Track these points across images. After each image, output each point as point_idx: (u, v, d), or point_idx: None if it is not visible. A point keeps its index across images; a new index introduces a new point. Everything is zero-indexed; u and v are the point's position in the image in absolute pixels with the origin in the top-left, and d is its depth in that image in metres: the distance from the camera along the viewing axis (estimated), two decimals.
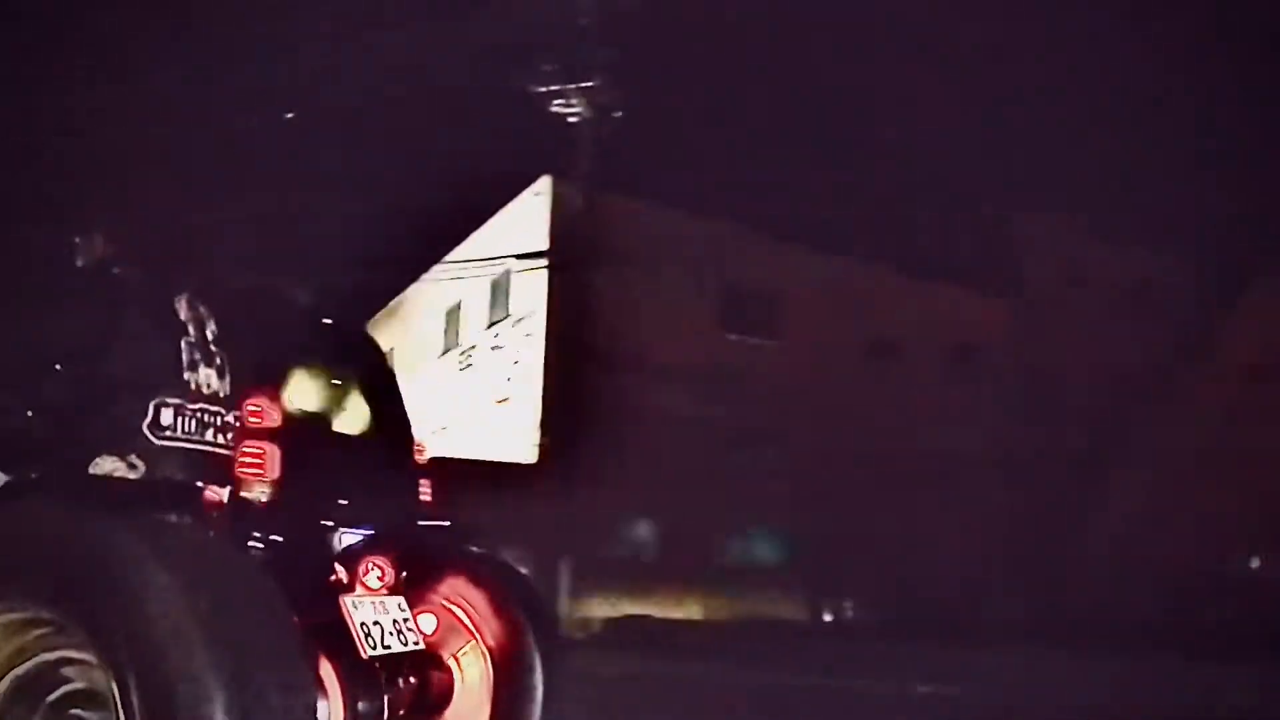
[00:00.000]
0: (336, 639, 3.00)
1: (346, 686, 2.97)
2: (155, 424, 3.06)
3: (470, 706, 3.54)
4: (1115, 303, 21.10)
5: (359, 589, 3.12)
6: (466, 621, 3.59)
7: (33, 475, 2.76)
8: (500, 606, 3.58)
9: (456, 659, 3.60)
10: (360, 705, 3.08)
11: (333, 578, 3.09)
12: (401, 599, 3.27)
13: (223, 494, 2.81)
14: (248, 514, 2.85)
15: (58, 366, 3.04)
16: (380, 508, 3.33)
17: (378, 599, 3.15)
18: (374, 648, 3.03)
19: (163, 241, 3.42)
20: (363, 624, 3.02)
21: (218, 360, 3.30)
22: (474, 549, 3.80)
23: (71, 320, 3.16)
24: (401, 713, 3.30)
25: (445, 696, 3.56)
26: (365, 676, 3.09)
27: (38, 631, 2.45)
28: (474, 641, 3.58)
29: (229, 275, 3.69)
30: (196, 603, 2.27)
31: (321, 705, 2.93)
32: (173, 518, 2.67)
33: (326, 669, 2.96)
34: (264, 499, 2.89)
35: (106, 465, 2.91)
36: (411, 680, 3.41)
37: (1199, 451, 19.22)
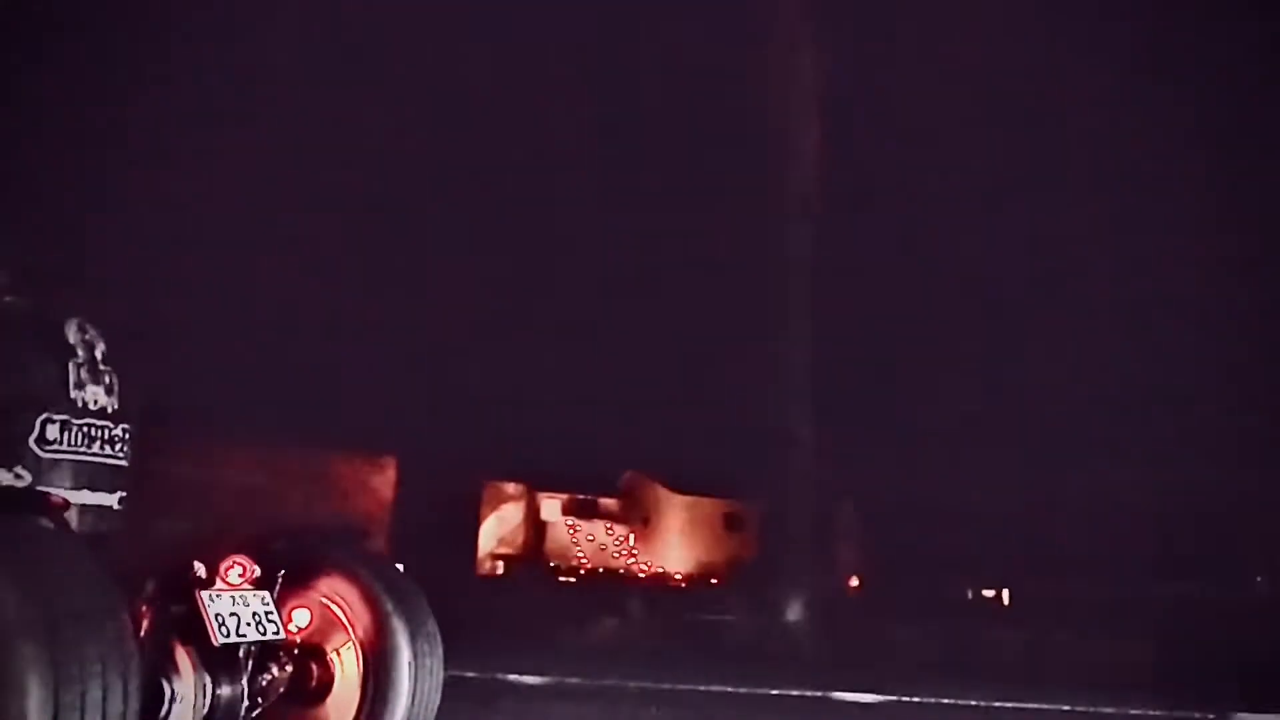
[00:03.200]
0: (194, 628, 3.34)
1: (199, 669, 3.32)
2: (41, 438, 3.44)
3: (345, 699, 3.86)
4: None
5: (219, 584, 3.46)
6: (342, 618, 3.91)
7: None
8: (373, 604, 3.90)
9: (338, 653, 3.92)
10: (221, 688, 3.43)
11: (193, 574, 3.43)
12: (267, 594, 3.61)
13: (71, 496, 3.18)
14: (102, 516, 3.22)
15: None
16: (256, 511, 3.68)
17: (238, 593, 3.49)
18: (227, 636, 3.36)
19: (54, 271, 3.79)
20: (217, 615, 3.36)
21: (106, 379, 3.68)
22: (355, 550, 4.13)
23: None
24: (270, 700, 3.65)
25: (326, 687, 3.89)
26: (224, 662, 3.44)
27: None
28: (349, 637, 3.90)
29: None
30: (19, 586, 2.62)
31: (177, 684, 3.29)
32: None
33: (183, 654, 3.31)
34: (117, 505, 3.27)
35: None
36: (286, 669, 3.75)
37: None
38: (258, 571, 3.56)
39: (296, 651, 3.79)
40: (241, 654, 3.49)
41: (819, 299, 21.60)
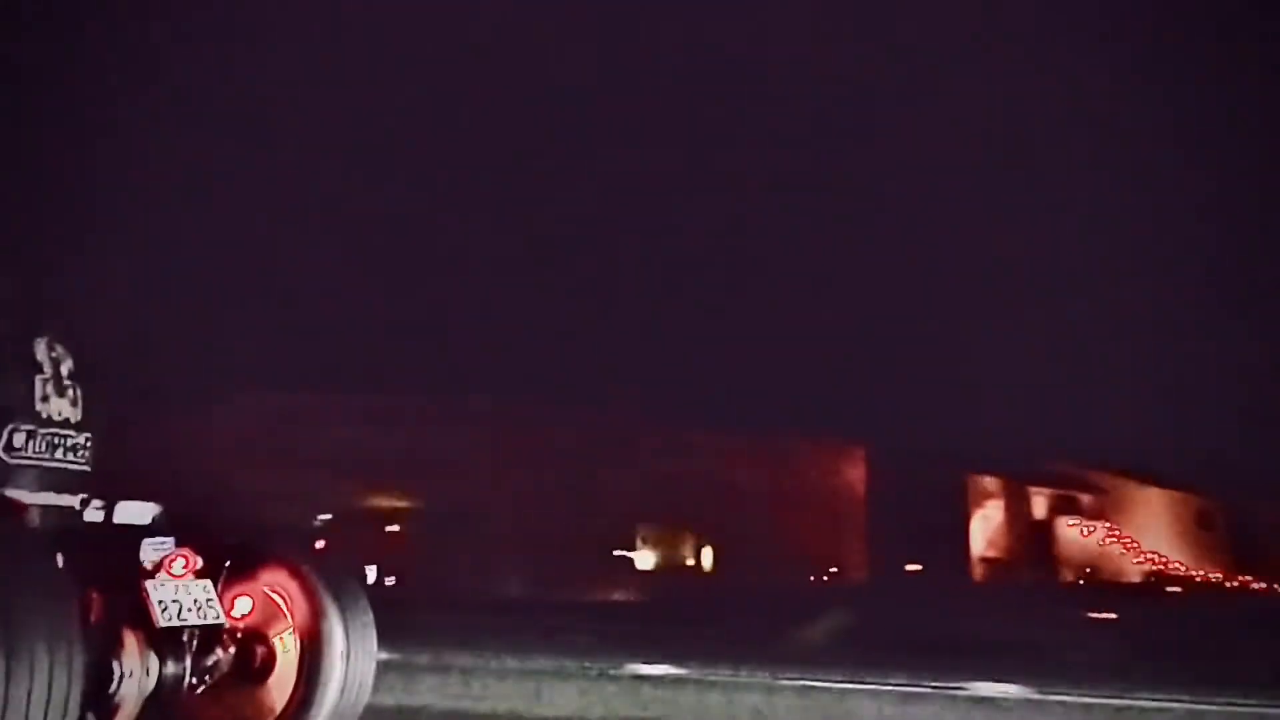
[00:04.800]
0: (141, 614, 3.80)
1: (146, 650, 3.77)
2: (9, 446, 3.90)
3: (284, 680, 4.31)
4: None
5: (163, 575, 3.91)
6: (283, 606, 4.36)
7: None
8: (310, 594, 4.34)
9: (280, 638, 4.37)
10: (167, 667, 3.88)
11: (140, 565, 3.88)
12: (209, 583, 4.06)
13: (36, 499, 3.64)
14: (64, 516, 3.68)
15: None
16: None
17: (181, 583, 3.94)
18: (169, 620, 3.81)
19: (23, 291, 4.24)
20: (160, 601, 3.81)
21: (71, 392, 4.14)
22: (298, 544, 4.59)
23: None
24: (215, 679, 4.10)
25: (268, 668, 4.35)
26: (171, 645, 3.89)
27: None
28: (289, 624, 4.35)
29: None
30: None
31: (126, 663, 3.74)
32: None
33: (131, 637, 3.77)
34: (79, 506, 3.74)
35: None
36: (230, 652, 4.21)
37: None
38: (200, 563, 4.00)
39: (240, 636, 4.24)
40: (186, 638, 3.94)
41: None
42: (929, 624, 18.02)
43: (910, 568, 41.35)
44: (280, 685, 4.33)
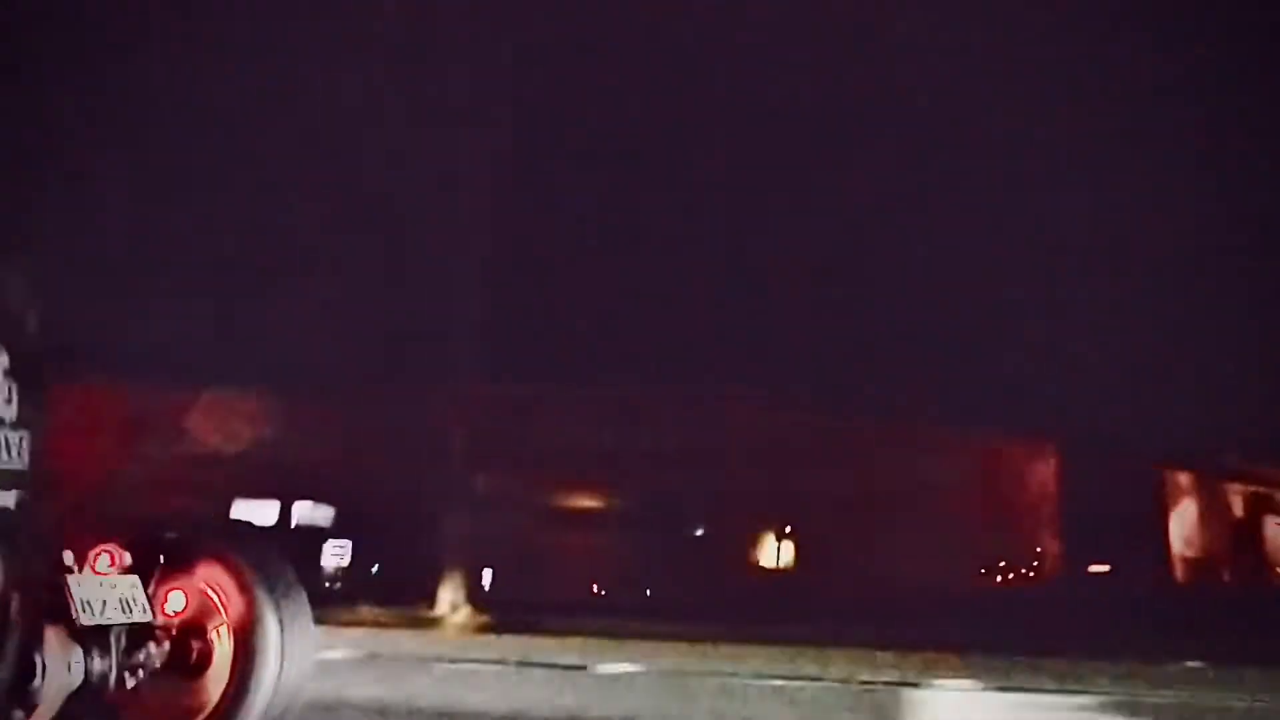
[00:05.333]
0: (63, 611, 3.82)
1: (69, 645, 3.80)
2: None
3: (219, 674, 4.34)
4: None
5: (86, 571, 3.93)
6: (218, 601, 4.38)
7: None
8: (244, 588, 4.36)
9: (217, 632, 4.40)
10: (91, 663, 3.91)
11: (61, 562, 3.90)
12: (136, 579, 4.08)
13: None
14: None
15: None
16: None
17: (106, 579, 3.96)
18: (92, 617, 3.83)
19: None
20: (82, 599, 3.83)
21: (5, 390, 4.16)
22: (232, 537, 4.61)
23: None
24: (144, 675, 4.12)
25: (204, 663, 4.37)
26: (97, 640, 3.91)
27: None
28: (223, 619, 4.37)
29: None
30: None
31: (48, 658, 3.77)
32: None
33: (52, 633, 3.79)
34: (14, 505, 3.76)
35: None
36: (163, 647, 4.23)
37: None
38: (127, 558, 4.02)
39: (175, 631, 4.26)
40: (114, 634, 3.96)
41: None
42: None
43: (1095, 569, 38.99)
44: (216, 680, 4.36)
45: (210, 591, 4.38)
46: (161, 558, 4.28)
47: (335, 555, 32.55)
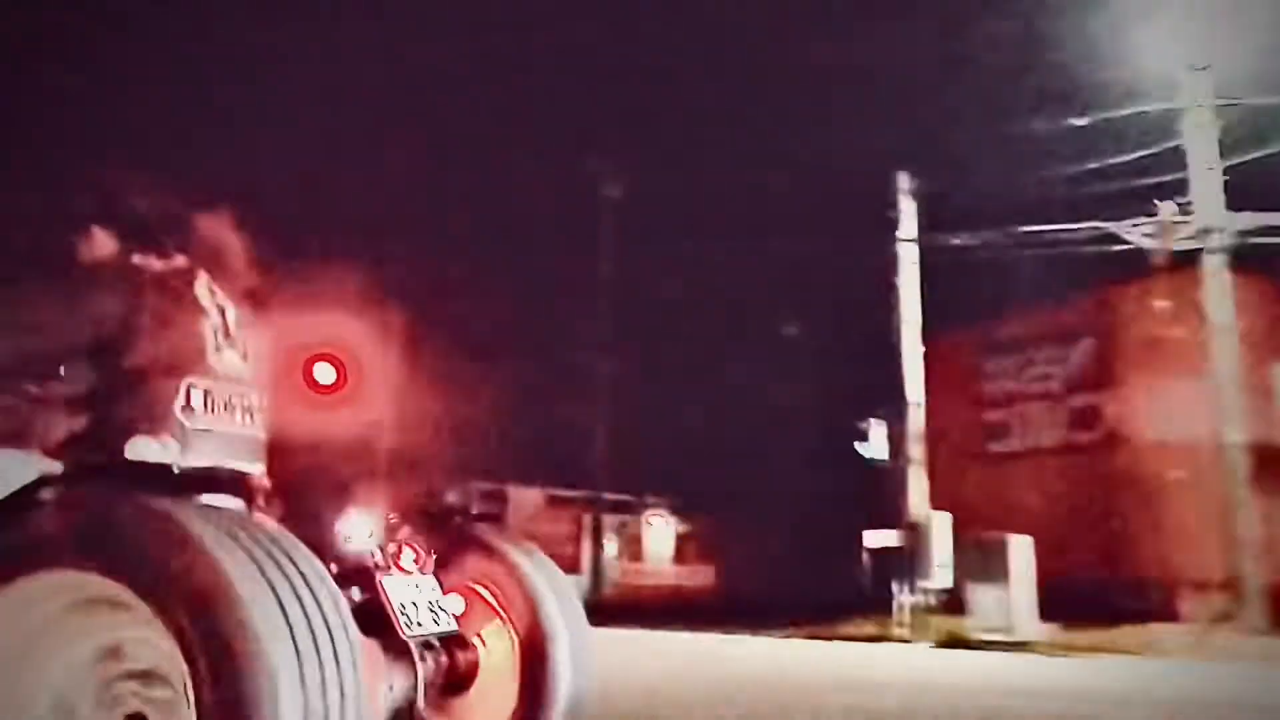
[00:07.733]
0: (373, 619, 3.01)
1: (384, 665, 2.99)
2: (186, 406, 3.07)
3: (495, 684, 3.56)
4: None
5: (394, 570, 3.13)
6: (492, 601, 3.60)
7: (84, 461, 2.73)
8: (523, 586, 3.60)
9: (481, 638, 3.61)
10: (395, 684, 3.11)
11: (373, 559, 3.09)
12: (435, 580, 3.29)
13: (265, 480, 2.82)
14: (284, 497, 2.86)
15: (87, 356, 3.03)
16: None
17: (412, 580, 3.17)
18: (410, 628, 3.04)
19: (177, 228, 3.38)
20: (400, 604, 3.03)
21: (239, 344, 3.30)
22: (496, 532, 3.82)
23: (95, 309, 3.15)
24: (432, 693, 3.33)
25: (471, 675, 3.58)
26: (401, 655, 3.11)
27: (98, 611, 2.45)
28: (499, 621, 3.59)
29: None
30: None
31: (374, 677, 2.95)
32: (219, 501, 2.65)
33: (370, 646, 2.98)
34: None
35: (142, 449, 2.91)
36: (442, 659, 3.43)
37: None
38: (433, 558, 3.23)
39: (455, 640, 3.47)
40: (429, 650, 3.17)
41: None
42: None
43: None
44: (486, 694, 3.58)
45: (482, 591, 3.61)
46: (433, 550, 3.48)
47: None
